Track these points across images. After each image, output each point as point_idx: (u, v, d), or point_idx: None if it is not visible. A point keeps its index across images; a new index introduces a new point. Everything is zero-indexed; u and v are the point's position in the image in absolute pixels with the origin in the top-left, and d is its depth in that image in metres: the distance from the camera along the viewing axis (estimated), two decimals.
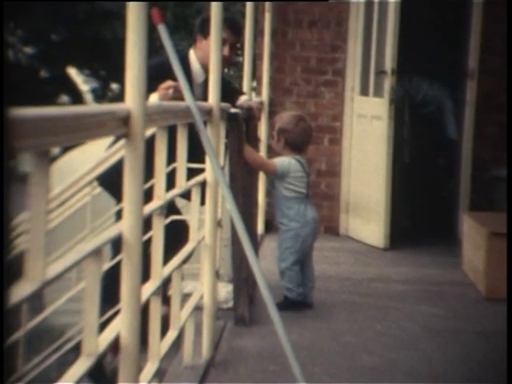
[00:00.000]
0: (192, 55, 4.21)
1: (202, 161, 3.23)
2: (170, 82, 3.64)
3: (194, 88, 3.96)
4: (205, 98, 3.91)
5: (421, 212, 6.73)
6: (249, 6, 5.35)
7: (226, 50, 3.98)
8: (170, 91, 3.64)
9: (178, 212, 4.11)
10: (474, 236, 4.84)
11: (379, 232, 5.73)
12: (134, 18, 1.90)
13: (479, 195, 6.09)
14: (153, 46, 4.05)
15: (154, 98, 3.69)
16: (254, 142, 4.48)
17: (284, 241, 4.01)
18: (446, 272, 5.13)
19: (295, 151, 4.05)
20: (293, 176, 4.00)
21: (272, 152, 6.30)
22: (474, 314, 4.16)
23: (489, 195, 5.92)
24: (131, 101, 1.90)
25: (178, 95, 3.60)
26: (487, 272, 4.45)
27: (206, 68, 4.00)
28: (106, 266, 3.80)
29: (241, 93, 4.58)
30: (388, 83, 5.64)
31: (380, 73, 5.76)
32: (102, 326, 1.83)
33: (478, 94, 6.16)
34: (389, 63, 5.63)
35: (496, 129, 6.20)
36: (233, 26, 4.11)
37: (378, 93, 5.83)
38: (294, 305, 3.97)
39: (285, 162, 4.03)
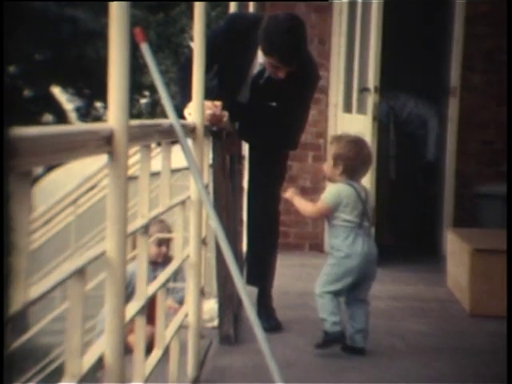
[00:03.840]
0: None
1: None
2: (208, 104, 3.54)
3: (253, 59, 3.83)
4: (259, 77, 3.84)
5: (405, 229, 6.75)
6: None
7: (281, 73, 3.72)
8: (208, 112, 3.51)
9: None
10: (457, 253, 4.86)
11: None
12: (117, 37, 1.90)
13: (463, 212, 6.12)
14: (136, 65, 4.04)
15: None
16: (238, 159, 4.49)
17: (326, 267, 3.65)
18: (431, 289, 5.14)
19: (353, 178, 3.64)
20: (344, 204, 3.60)
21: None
22: (458, 331, 4.16)
23: (472, 212, 5.95)
24: (114, 120, 1.90)
25: (214, 120, 3.61)
26: (471, 288, 4.46)
27: None
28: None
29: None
30: (371, 100, 5.67)
31: (363, 90, 5.79)
32: None
33: (460, 111, 6.20)
34: (372, 80, 5.66)
35: (479, 145, 6.24)
36: (281, 55, 3.68)
37: (362, 110, 5.85)
38: (335, 340, 3.54)
39: (334, 194, 3.62)
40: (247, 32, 3.76)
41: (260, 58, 3.80)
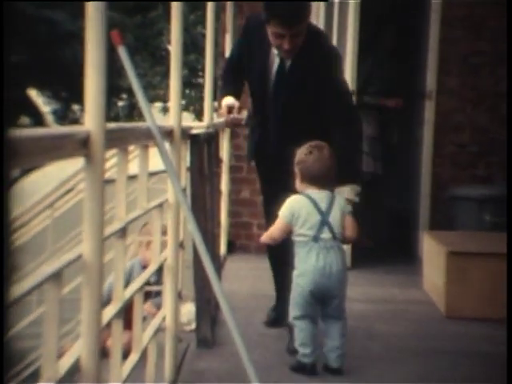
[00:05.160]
0: None
1: None
2: (225, 107, 3.60)
3: (269, 57, 3.66)
4: (281, 70, 3.63)
5: (382, 231, 6.77)
6: (209, 27, 5.38)
7: (286, 44, 3.48)
8: (224, 116, 3.59)
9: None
10: (433, 255, 4.89)
11: None
12: (93, 39, 1.90)
13: (439, 214, 6.16)
14: (113, 68, 4.02)
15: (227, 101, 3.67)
16: (216, 162, 4.49)
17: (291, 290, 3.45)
18: (407, 291, 5.16)
19: (313, 185, 3.39)
20: (296, 215, 3.37)
21: (235, 173, 6.32)
22: (434, 333, 4.19)
23: (448, 214, 5.99)
24: (91, 123, 1.90)
25: (233, 123, 3.68)
26: (447, 291, 4.49)
27: None
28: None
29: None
30: None
31: None
32: None
33: (436, 114, 6.24)
34: (349, 84, 5.68)
35: (454, 148, 6.28)
36: (280, 16, 3.43)
37: None
38: (303, 371, 3.37)
39: (286, 207, 3.40)
40: (260, 30, 3.63)
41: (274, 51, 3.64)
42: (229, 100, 3.68)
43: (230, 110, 3.65)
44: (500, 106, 6.18)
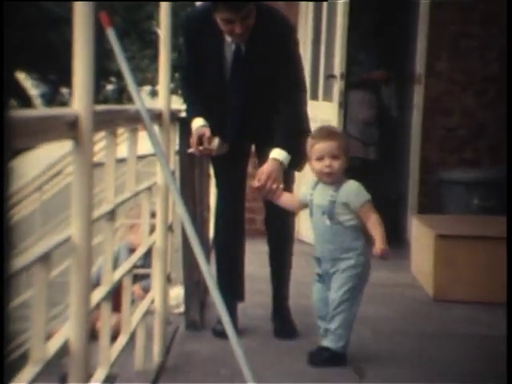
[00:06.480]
0: None
1: None
2: (194, 137, 3.48)
3: (224, 47, 3.55)
4: (237, 56, 3.54)
5: None
6: None
7: (237, 28, 3.39)
8: (194, 147, 3.49)
9: None
10: (421, 238, 4.91)
11: None
12: (81, 21, 1.90)
13: (427, 198, 6.18)
14: (102, 51, 4.01)
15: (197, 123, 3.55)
16: None
17: (351, 279, 3.35)
18: (395, 274, 5.18)
19: None
20: None
21: None
22: (421, 316, 4.21)
23: (436, 198, 6.01)
24: (79, 105, 1.89)
25: (204, 153, 3.54)
26: (435, 274, 4.52)
27: None
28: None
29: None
30: (337, 87, 5.69)
31: (329, 77, 5.81)
32: None
33: (425, 98, 6.24)
34: (338, 67, 5.68)
35: (443, 132, 6.29)
36: (226, 2, 3.39)
37: (328, 97, 5.87)
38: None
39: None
40: (206, 22, 3.52)
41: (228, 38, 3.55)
42: (199, 126, 3.51)
43: (200, 139, 3.49)
44: (489, 90, 6.19)
